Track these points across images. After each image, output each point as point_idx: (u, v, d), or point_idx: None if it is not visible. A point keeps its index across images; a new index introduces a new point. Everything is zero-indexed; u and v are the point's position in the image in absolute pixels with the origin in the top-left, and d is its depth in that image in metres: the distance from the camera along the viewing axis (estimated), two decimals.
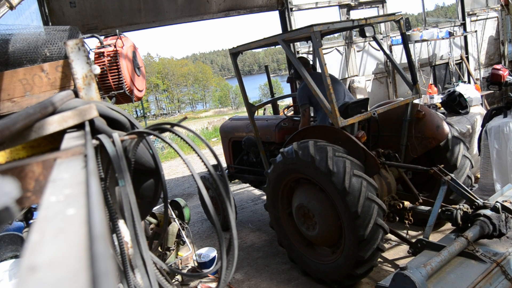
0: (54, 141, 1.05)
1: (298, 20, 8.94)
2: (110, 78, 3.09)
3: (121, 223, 1.18)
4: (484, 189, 5.35)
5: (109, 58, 3.11)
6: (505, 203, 3.20)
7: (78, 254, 0.41)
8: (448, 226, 4.36)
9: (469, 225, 3.25)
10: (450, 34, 10.07)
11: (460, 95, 6.52)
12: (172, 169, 11.77)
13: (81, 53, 1.39)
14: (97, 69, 1.93)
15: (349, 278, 3.77)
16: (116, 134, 1.10)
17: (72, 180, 0.64)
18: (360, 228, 3.43)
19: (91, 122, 1.10)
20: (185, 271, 4.70)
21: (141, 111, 36.66)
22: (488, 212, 3.15)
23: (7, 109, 2.06)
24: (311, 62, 5.48)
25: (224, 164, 6.62)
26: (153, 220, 4.57)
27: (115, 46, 3.14)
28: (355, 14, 9.58)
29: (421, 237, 3.29)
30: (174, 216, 4.74)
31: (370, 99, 4.84)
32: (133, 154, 1.21)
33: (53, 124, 0.99)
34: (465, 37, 10.82)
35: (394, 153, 4.35)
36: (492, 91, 9.17)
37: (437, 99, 7.87)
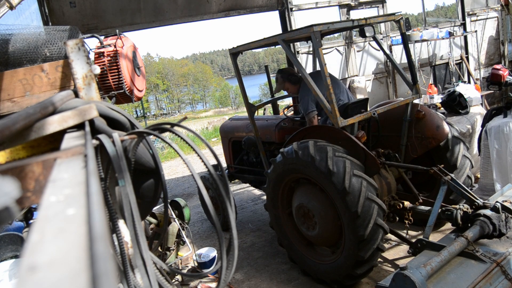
0: (54, 141, 1.05)
1: (298, 20, 8.94)
2: (110, 78, 3.09)
3: (121, 223, 1.18)
4: (484, 189, 5.35)
5: (109, 58, 3.11)
6: (505, 203, 3.20)
7: (78, 254, 0.41)
8: (448, 226, 4.36)
9: (469, 225, 3.25)
10: (450, 34, 10.07)
11: (460, 95, 6.52)
12: (172, 169, 11.77)
13: (81, 53, 1.39)
14: (97, 69, 1.93)
15: (349, 278, 3.77)
16: (116, 134, 1.10)
17: (72, 180, 0.64)
18: (360, 228, 3.43)
19: (91, 122, 1.10)
20: (185, 271, 4.70)
21: (141, 111, 36.67)
22: (488, 212, 3.15)
23: (7, 109, 2.06)
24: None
25: (224, 164, 6.61)
26: (153, 220, 4.57)
27: (115, 46, 3.14)
28: (355, 14, 9.59)
29: (421, 237, 3.29)
30: (174, 216, 4.74)
31: (370, 99, 4.84)
32: (133, 154, 1.21)
33: (53, 124, 0.99)
34: (465, 37, 10.82)
35: (394, 153, 4.34)
36: (492, 91, 9.18)
37: (437, 99, 7.87)
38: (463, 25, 10.73)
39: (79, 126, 1.06)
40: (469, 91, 6.94)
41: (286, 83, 4.96)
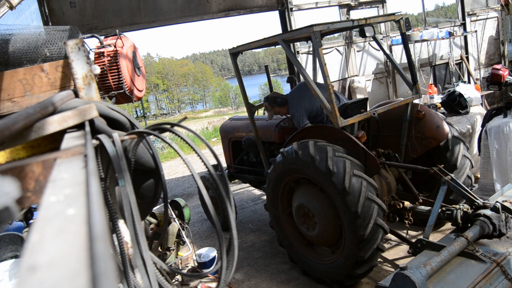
0: (54, 141, 1.05)
1: (298, 20, 8.94)
2: (110, 78, 3.09)
3: (121, 223, 1.18)
4: (484, 189, 5.35)
5: (109, 58, 3.11)
6: (505, 203, 3.20)
7: (78, 254, 0.41)
8: (448, 226, 4.36)
9: (469, 225, 3.25)
10: (450, 34, 10.07)
11: (460, 95, 6.52)
12: (172, 169, 11.77)
13: (81, 53, 1.39)
14: (97, 69, 1.93)
15: (349, 278, 3.77)
16: (116, 134, 1.10)
17: (72, 180, 0.64)
18: (360, 228, 3.43)
19: (91, 122, 1.10)
20: (185, 271, 4.70)
21: (141, 111, 36.65)
22: (488, 212, 3.15)
23: (7, 109, 2.06)
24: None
25: (224, 164, 6.61)
26: (153, 220, 4.57)
27: (115, 46, 3.14)
28: (355, 14, 9.59)
29: (421, 237, 3.29)
30: (174, 216, 4.73)
31: (370, 99, 4.86)
32: (133, 154, 1.21)
33: (53, 124, 0.99)
34: (465, 37, 10.82)
35: (394, 153, 4.35)
36: (492, 91, 9.17)
37: (437, 99, 7.87)
38: (463, 25, 10.73)
39: (79, 126, 1.06)
40: (469, 91, 6.94)
41: (275, 108, 5.05)
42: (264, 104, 5.18)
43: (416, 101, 4.62)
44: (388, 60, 9.71)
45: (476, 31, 10.85)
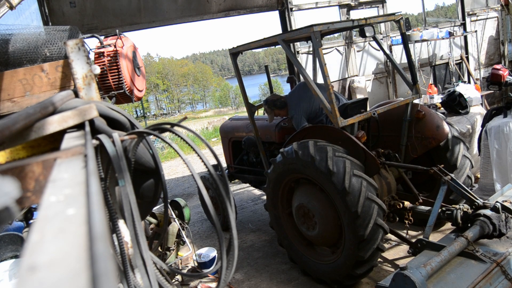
0: (54, 141, 1.05)
1: (298, 20, 8.94)
2: (110, 78, 3.09)
3: (121, 223, 1.18)
4: (484, 189, 5.35)
5: (109, 58, 3.11)
6: (505, 203, 3.20)
7: (78, 254, 0.41)
8: (448, 226, 4.36)
9: (469, 225, 3.25)
10: (450, 34, 10.07)
11: (460, 95, 6.52)
12: (172, 169, 11.77)
13: (81, 53, 1.39)
14: (97, 69, 1.93)
15: (349, 278, 3.77)
16: (116, 134, 1.10)
17: (72, 180, 0.64)
18: (360, 228, 3.43)
19: (91, 122, 1.10)
20: (185, 271, 4.70)
21: (141, 111, 36.66)
22: (488, 212, 3.15)
23: (7, 109, 2.06)
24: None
25: (224, 164, 6.61)
26: (153, 220, 4.57)
27: (115, 46, 3.14)
28: (355, 14, 9.59)
29: (421, 237, 3.29)
30: (174, 216, 4.73)
31: (370, 99, 4.86)
32: (133, 154, 1.21)
33: (53, 124, 0.99)
34: (465, 37, 10.82)
35: (394, 153, 4.35)
36: (492, 91, 9.17)
37: (437, 99, 7.87)
38: (463, 25, 10.73)
39: (79, 126, 1.06)
40: (469, 91, 6.94)
41: (275, 110, 5.09)
42: (264, 107, 5.19)
43: (416, 101, 4.62)
44: (388, 60, 9.72)
45: (476, 31, 10.85)
